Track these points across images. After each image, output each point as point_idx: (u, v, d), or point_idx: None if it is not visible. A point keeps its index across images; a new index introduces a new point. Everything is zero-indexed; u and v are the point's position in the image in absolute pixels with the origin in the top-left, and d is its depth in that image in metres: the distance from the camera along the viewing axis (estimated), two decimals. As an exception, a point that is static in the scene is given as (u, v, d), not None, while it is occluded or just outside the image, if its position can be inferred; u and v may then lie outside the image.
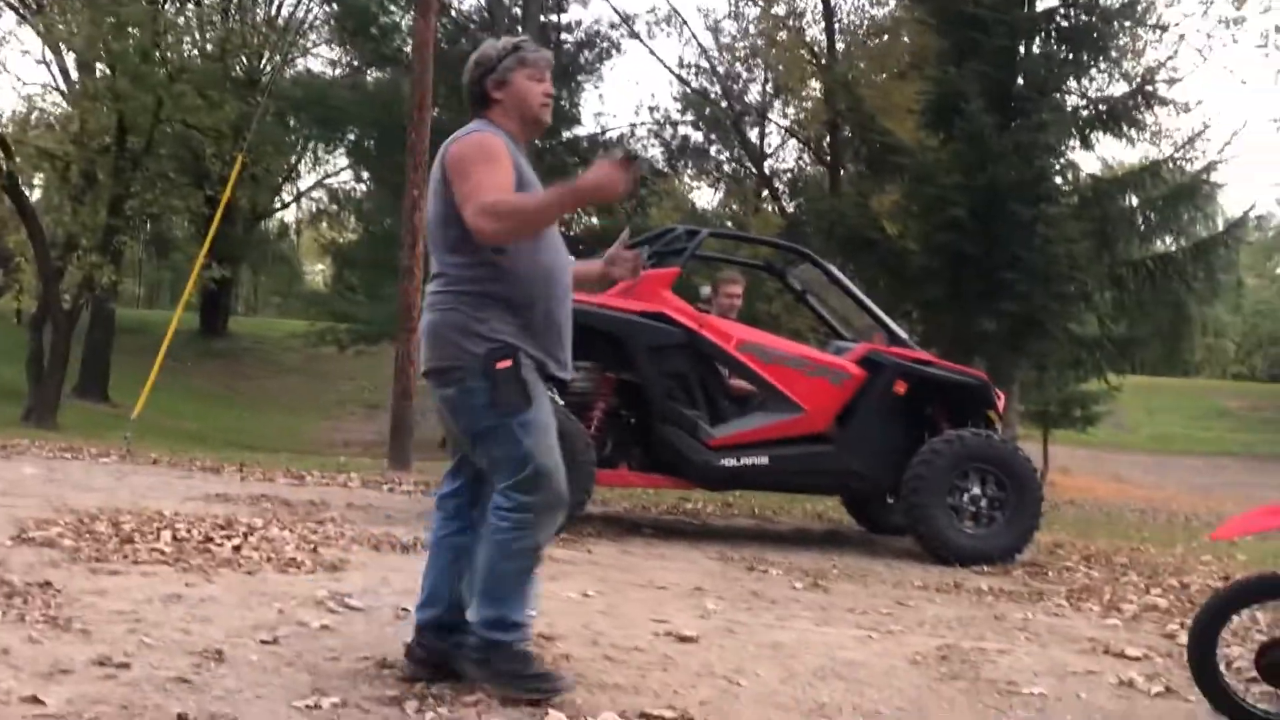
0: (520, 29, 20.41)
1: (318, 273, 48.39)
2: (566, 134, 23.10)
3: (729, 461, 6.75)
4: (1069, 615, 5.38)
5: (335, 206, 33.66)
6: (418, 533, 6.23)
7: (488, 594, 3.15)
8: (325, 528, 6.21)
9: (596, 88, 32.73)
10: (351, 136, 25.77)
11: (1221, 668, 3.60)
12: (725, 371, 7.06)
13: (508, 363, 3.03)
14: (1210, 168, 12.84)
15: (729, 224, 26.72)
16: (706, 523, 8.25)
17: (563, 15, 22.63)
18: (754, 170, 26.26)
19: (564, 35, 22.48)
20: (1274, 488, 32.03)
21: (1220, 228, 14.73)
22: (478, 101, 3.22)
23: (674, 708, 3.20)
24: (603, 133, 21.97)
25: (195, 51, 22.36)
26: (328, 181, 32.62)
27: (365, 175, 27.73)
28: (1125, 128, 13.07)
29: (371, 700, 3.03)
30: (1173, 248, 13.19)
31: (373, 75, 25.90)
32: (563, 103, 22.76)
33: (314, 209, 36.96)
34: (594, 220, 23.88)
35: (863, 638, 4.47)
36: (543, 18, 21.66)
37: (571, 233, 25.00)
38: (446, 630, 3.26)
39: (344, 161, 29.28)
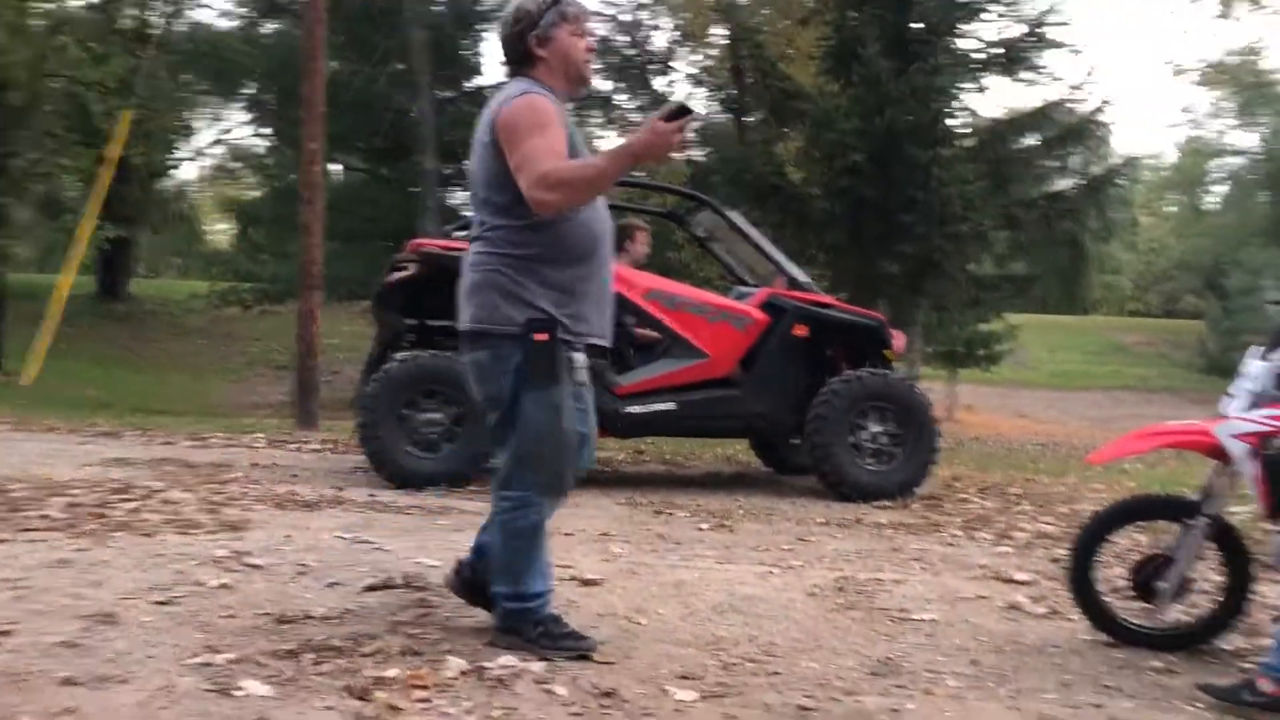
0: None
1: (220, 232, 47.13)
2: (468, 84, 22.71)
3: (636, 409, 6.80)
4: (963, 545, 5.57)
5: (236, 163, 32.69)
6: (323, 490, 6.19)
7: (502, 571, 3.20)
8: (228, 488, 6.12)
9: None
10: (249, 91, 25.00)
11: (1100, 587, 3.78)
12: (631, 320, 7.09)
13: (544, 336, 2.99)
14: (1099, 109, 13.20)
15: (634, 173, 26.61)
16: (618, 470, 8.30)
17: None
18: (661, 119, 26.15)
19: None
20: (1164, 417, 33.25)
21: (1110, 162, 15.09)
22: (519, 59, 3.11)
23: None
24: (504, 82, 21.59)
25: (78, 2, 21.42)
26: (227, 138, 31.65)
27: (266, 131, 26.96)
28: (1018, 69, 13.32)
29: (267, 655, 3.02)
30: (1065, 187, 13.54)
31: (269, 27, 25.12)
32: (464, 52, 22.36)
33: (214, 166, 35.87)
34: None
35: (763, 573, 4.57)
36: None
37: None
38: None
39: (243, 117, 28.41)
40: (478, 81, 22.24)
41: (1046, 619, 3.99)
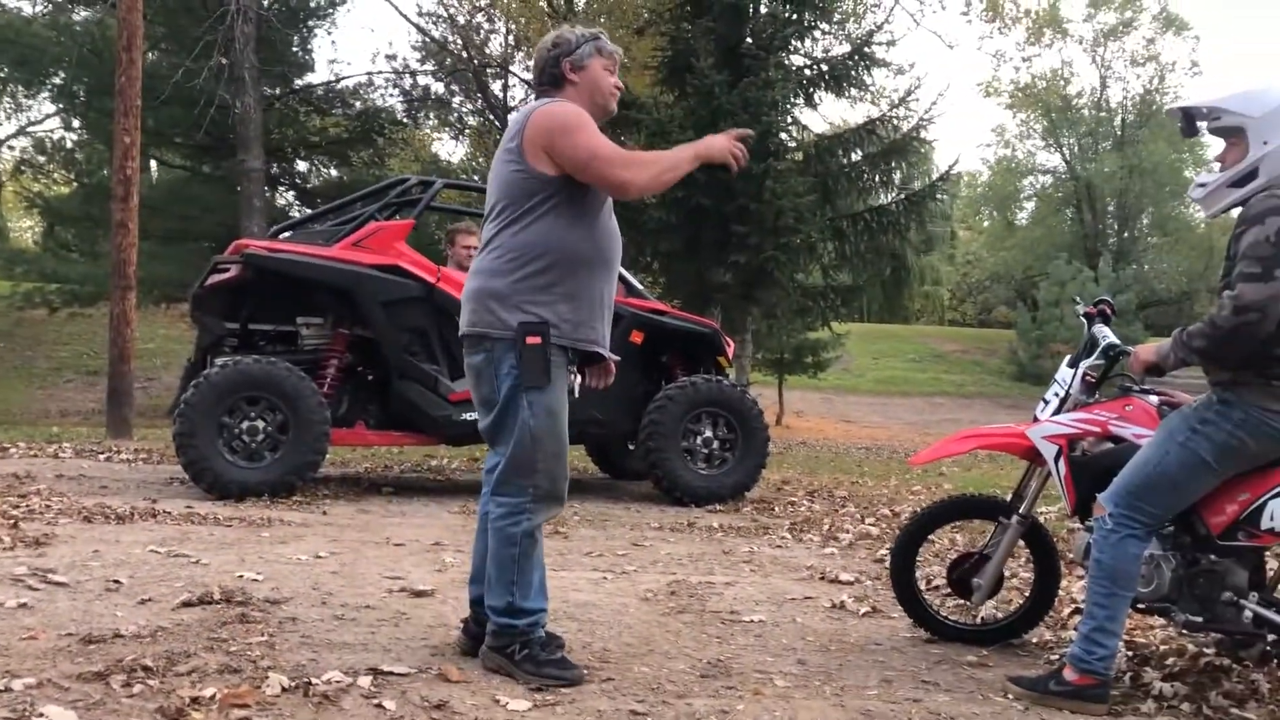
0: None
1: (25, 229, 44.23)
2: (299, 82, 22.02)
3: (471, 415, 6.69)
4: (791, 546, 5.70)
5: (42, 157, 30.74)
6: (135, 502, 5.87)
7: (495, 580, 3.11)
8: (29, 501, 5.73)
9: (330, 34, 31.17)
10: (57, 80, 23.55)
11: (920, 585, 3.92)
12: (463, 324, 6.98)
13: (537, 339, 3.01)
14: (920, 126, 13.79)
15: (475, 177, 26.36)
16: (451, 478, 8.18)
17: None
18: (497, 122, 25.98)
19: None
20: (979, 422, 35.04)
21: (933, 176, 15.78)
22: (552, 81, 3.21)
23: (403, 661, 3.16)
24: (337, 81, 21.05)
25: None
26: (32, 129, 29.73)
27: (75, 123, 25.44)
28: (845, 87, 13.81)
29: (72, 678, 2.83)
30: (887, 201, 14.09)
31: (80, 14, 23.73)
32: (294, 49, 21.66)
33: (18, 160, 33.65)
34: (333, 171, 23.03)
35: (597, 579, 4.57)
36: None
37: (309, 185, 23.97)
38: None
39: (50, 108, 26.73)
40: (309, 79, 21.63)
41: (869, 617, 4.11)
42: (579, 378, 3.30)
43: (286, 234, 7.17)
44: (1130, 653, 3.53)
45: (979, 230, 58.39)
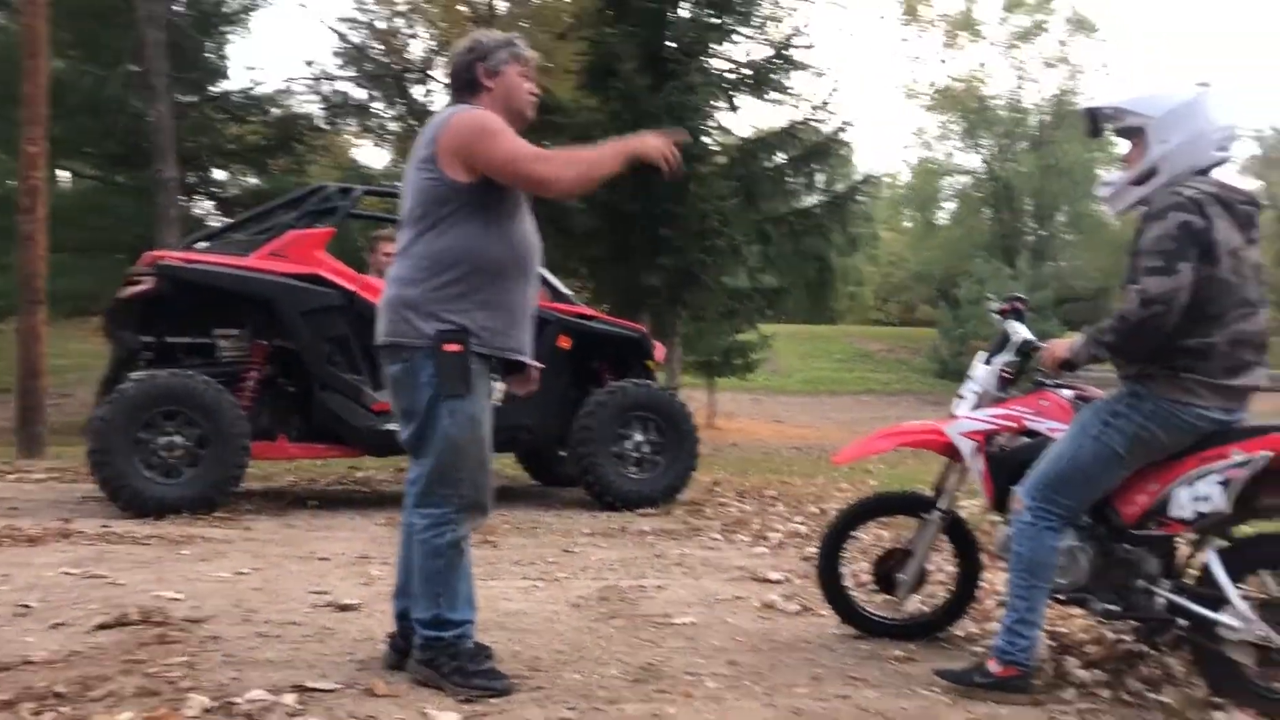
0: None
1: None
2: (213, 88, 21.58)
3: (396, 425, 6.61)
4: (722, 547, 5.73)
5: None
6: (48, 523, 5.69)
7: (422, 593, 3.06)
8: (-66, 526, 5.53)
9: (244, 39, 30.74)
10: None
11: (847, 582, 3.96)
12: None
13: (456, 347, 2.98)
14: (841, 129, 13.97)
15: (396, 183, 26.01)
16: (377, 490, 8.07)
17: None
18: (419, 127, 25.72)
19: (205, -19, 20.90)
20: (904, 419, 35.56)
21: (853, 179, 16.00)
22: (467, 87, 3.17)
23: (329, 677, 3.10)
24: (253, 87, 20.65)
25: None
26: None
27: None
28: (767, 90, 13.92)
29: (-22, 709, 2.73)
30: (811, 203, 14.25)
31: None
32: (208, 55, 21.22)
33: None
34: (251, 180, 22.60)
35: (528, 588, 4.54)
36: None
37: (226, 194, 23.49)
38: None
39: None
40: (223, 86, 21.18)
41: (799, 616, 4.15)
42: (501, 385, 3.27)
43: (203, 244, 7.02)
44: (1052, 642, 3.61)
45: (901, 231, 59.30)
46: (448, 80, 3.28)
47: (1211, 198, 2.98)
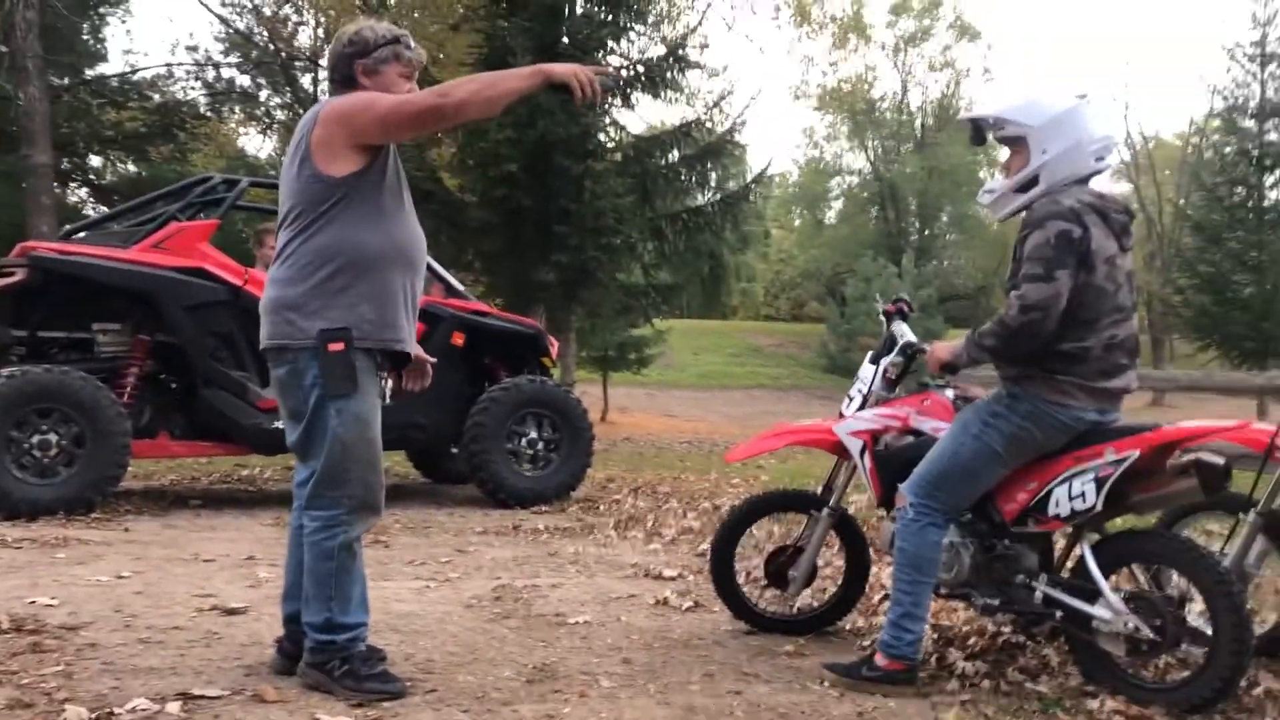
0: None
1: None
2: (90, 72, 20.76)
3: (283, 422, 6.46)
4: (616, 545, 5.75)
5: None
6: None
7: (313, 596, 2.99)
8: None
9: (124, 22, 29.47)
10: None
11: (739, 579, 4.02)
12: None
13: (339, 346, 2.91)
14: (734, 128, 14.13)
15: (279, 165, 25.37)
16: (263, 489, 7.89)
17: (79, -62, 20.14)
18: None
19: (80, -40, 20.06)
20: (793, 413, 36.24)
21: (747, 178, 16.21)
22: (344, 81, 3.09)
23: (215, 683, 3.03)
24: (133, 72, 19.90)
25: None
26: None
27: None
28: (661, 88, 14.00)
29: None
30: (704, 201, 14.38)
31: None
32: (85, 37, 20.43)
33: None
34: (130, 167, 21.82)
35: (420, 588, 4.50)
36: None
37: (103, 181, 22.64)
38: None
39: None
40: (101, 69, 20.41)
41: (692, 612, 4.19)
42: (390, 381, 3.24)
43: (81, 235, 6.77)
44: (936, 635, 3.72)
45: (790, 229, 60.24)
46: (328, 70, 3.20)
47: (1089, 207, 3.10)
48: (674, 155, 13.87)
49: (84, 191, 23.17)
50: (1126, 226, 3.21)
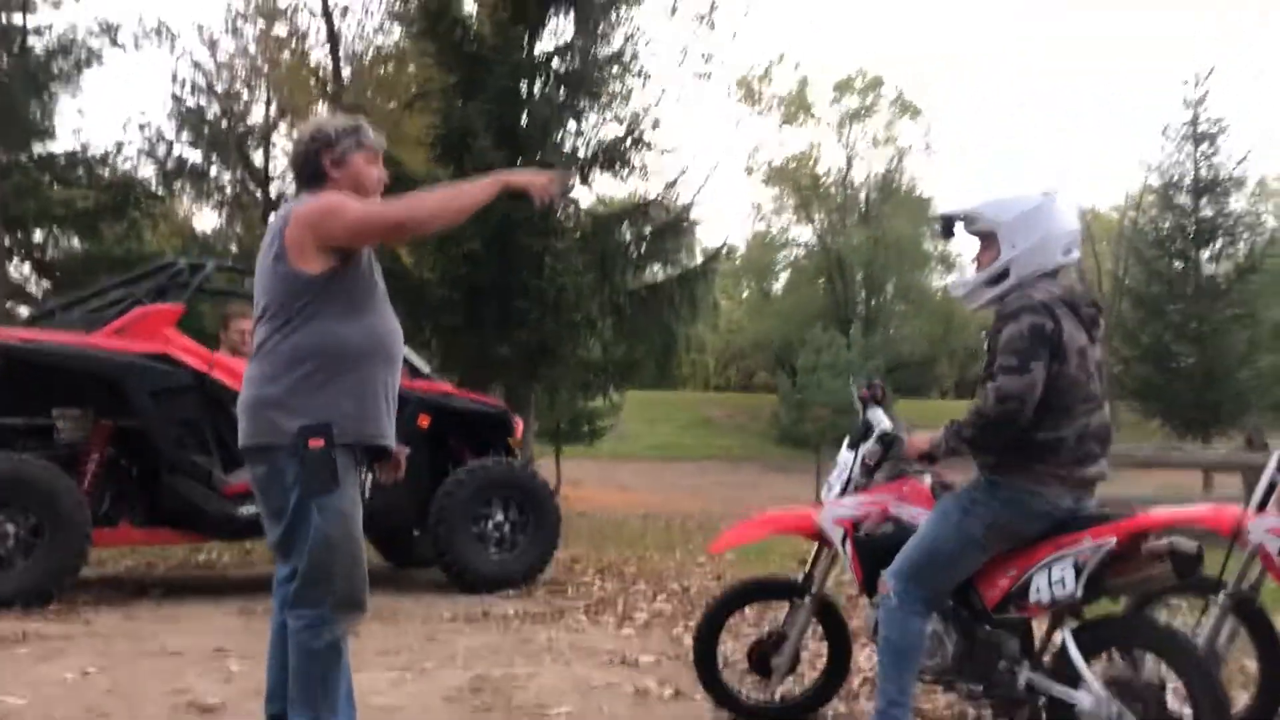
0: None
1: None
2: (39, 149, 20.63)
3: (248, 510, 6.37)
4: (588, 630, 5.72)
5: None
6: None
7: (299, 699, 2.96)
8: None
9: (75, 98, 29.30)
10: None
11: (720, 665, 4.03)
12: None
13: (319, 442, 2.89)
14: (690, 206, 14.40)
15: (233, 246, 25.32)
16: (224, 575, 7.76)
17: (30, 16, 20.12)
18: (258, 192, 25.17)
19: (32, 40, 20.01)
20: (747, 485, 36.31)
21: (699, 258, 16.47)
22: (311, 177, 3.14)
23: (200, 790, 2.98)
24: (84, 150, 19.82)
25: None
26: None
27: None
28: (619, 168, 14.24)
29: None
30: (660, 278, 14.57)
31: None
32: (34, 114, 20.29)
33: None
34: (76, 243, 21.63)
35: (396, 679, 4.45)
36: (4, 19, 19.16)
37: (47, 257, 22.36)
38: None
39: None
40: (51, 147, 20.25)
41: (674, 701, 4.19)
42: (369, 475, 3.24)
43: (44, 320, 6.71)
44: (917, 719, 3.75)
45: (739, 300, 60.90)
46: (293, 170, 3.25)
47: (1059, 300, 3.23)
48: (631, 233, 14.07)
49: (26, 267, 22.89)
50: (1095, 319, 3.34)
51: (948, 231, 3.51)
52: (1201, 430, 25.24)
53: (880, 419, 3.77)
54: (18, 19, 19.95)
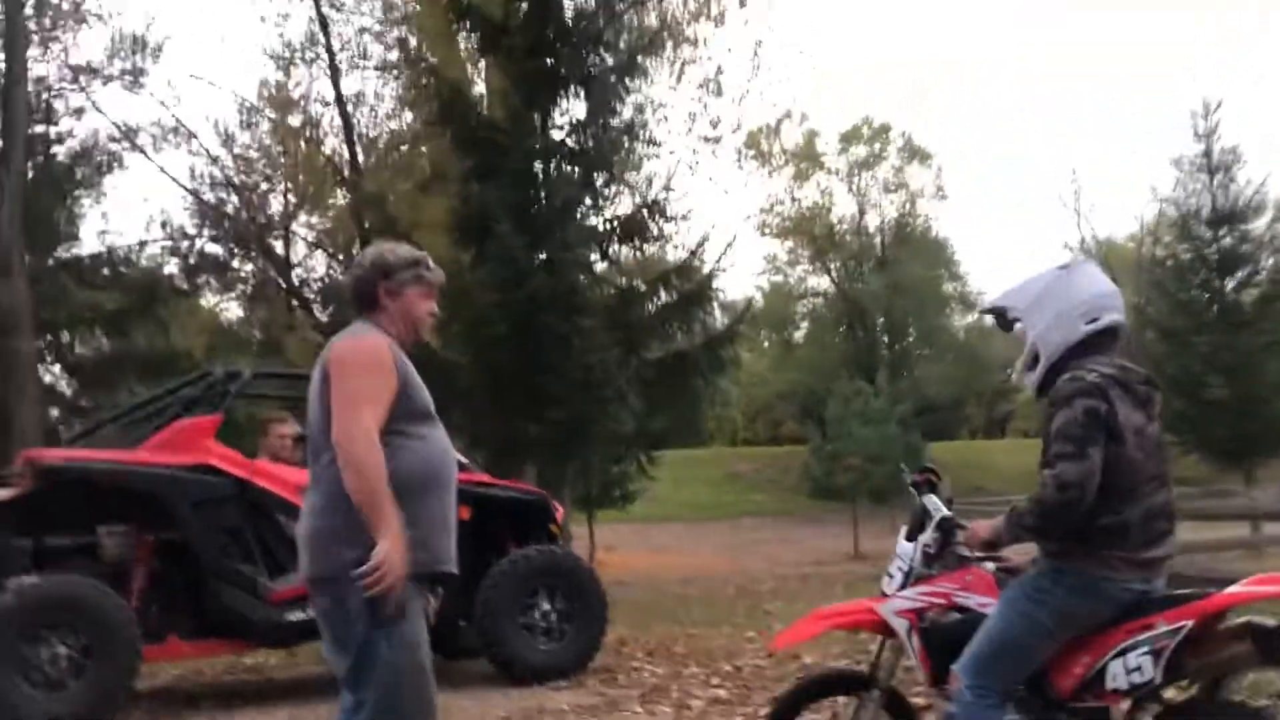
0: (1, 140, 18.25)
1: None
2: (64, 253, 20.99)
3: (296, 615, 6.35)
4: (646, 723, 5.65)
5: None
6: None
7: None
8: None
9: (99, 203, 29.77)
10: None
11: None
12: (284, 518, 6.68)
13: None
14: (713, 274, 14.47)
15: (255, 332, 25.59)
16: (271, 678, 7.72)
17: (54, 126, 20.60)
18: (280, 280, 25.48)
19: (55, 148, 20.46)
20: (783, 540, 35.97)
21: (718, 320, 16.50)
22: (366, 303, 3.18)
23: None
24: (108, 252, 20.16)
25: None
26: None
27: None
28: (639, 241, 14.35)
29: None
30: (686, 345, 14.59)
31: None
32: (59, 220, 20.69)
33: None
34: (103, 342, 21.91)
35: (462, 795, 4.39)
36: (30, 129, 19.60)
37: (75, 359, 22.59)
38: None
39: None
40: (75, 250, 20.64)
41: (743, 801, 4.11)
42: (434, 602, 3.21)
43: (81, 440, 6.78)
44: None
45: (760, 351, 60.89)
46: (350, 293, 3.28)
47: (1112, 380, 3.20)
48: (656, 303, 14.12)
49: (56, 368, 23.18)
50: (1150, 396, 3.30)
51: (1005, 324, 3.53)
52: (1239, 462, 24.82)
53: (937, 505, 3.73)
54: (42, 129, 20.41)
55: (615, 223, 14.13)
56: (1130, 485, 3.16)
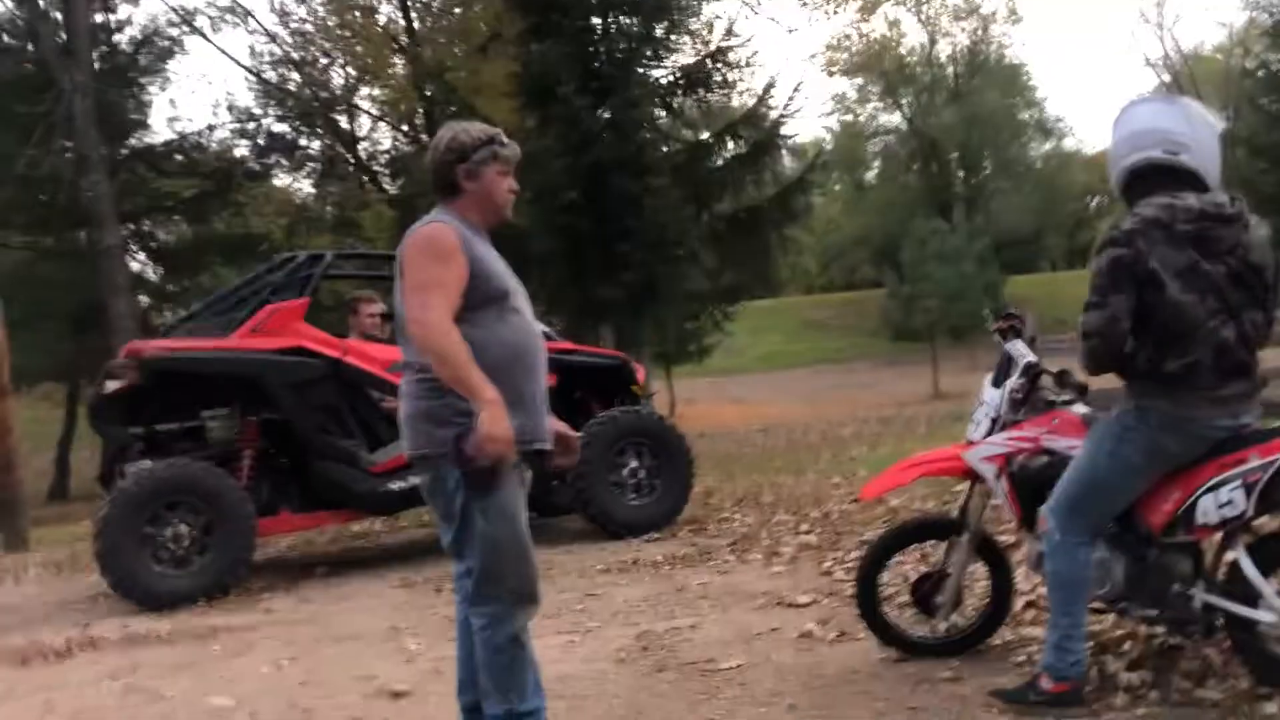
0: (64, 34, 18.35)
1: None
2: (135, 141, 21.26)
3: (397, 485, 6.64)
4: (738, 570, 5.83)
5: None
6: (68, 631, 5.64)
7: (492, 690, 3.13)
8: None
9: (164, 90, 29.91)
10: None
11: (885, 608, 4.08)
12: (377, 395, 6.90)
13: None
14: (782, 119, 14.14)
15: (329, 208, 25.81)
16: (380, 543, 8.09)
17: (113, 15, 20.62)
18: (349, 158, 25.56)
19: (116, 36, 20.51)
20: (862, 385, 36.07)
21: (788, 167, 16.16)
22: (445, 188, 3.21)
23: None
24: (180, 139, 20.36)
25: None
26: None
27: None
28: (703, 91, 14.05)
29: None
30: (757, 198, 14.39)
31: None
32: (126, 108, 20.89)
33: None
34: (184, 228, 22.33)
35: (565, 644, 4.62)
36: (91, 18, 19.65)
37: (158, 245, 23.15)
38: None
39: None
40: (146, 138, 20.91)
41: (839, 643, 4.26)
42: (530, 473, 3.30)
43: (183, 326, 7.02)
44: (1089, 643, 3.75)
45: (832, 195, 59.78)
46: (430, 177, 3.29)
47: (1152, 224, 3.09)
48: (724, 155, 13.90)
49: (142, 256, 23.79)
50: (1201, 232, 3.12)
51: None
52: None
53: (1022, 352, 3.73)
54: (101, 17, 20.44)
55: (679, 74, 13.83)
56: (1186, 327, 3.10)
